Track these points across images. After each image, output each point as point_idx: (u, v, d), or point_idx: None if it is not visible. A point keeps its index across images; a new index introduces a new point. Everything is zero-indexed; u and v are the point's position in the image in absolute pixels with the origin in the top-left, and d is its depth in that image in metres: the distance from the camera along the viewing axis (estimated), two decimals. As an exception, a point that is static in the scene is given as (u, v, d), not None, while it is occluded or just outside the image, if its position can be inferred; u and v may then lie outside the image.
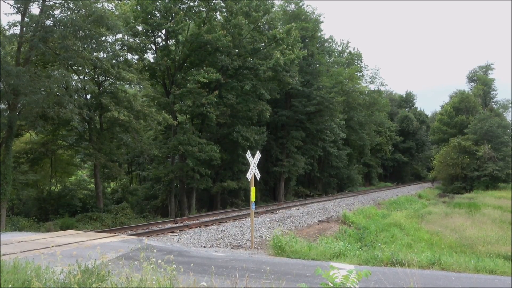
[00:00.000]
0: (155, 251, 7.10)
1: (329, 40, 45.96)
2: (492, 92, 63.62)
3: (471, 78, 66.69)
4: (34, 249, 9.22)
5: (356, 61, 48.55)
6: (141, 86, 23.85)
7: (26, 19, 16.41)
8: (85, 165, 32.03)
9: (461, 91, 61.79)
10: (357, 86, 42.27)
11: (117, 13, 21.72)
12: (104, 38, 19.52)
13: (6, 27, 17.15)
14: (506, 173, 48.17)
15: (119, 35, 21.79)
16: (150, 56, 27.19)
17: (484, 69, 65.21)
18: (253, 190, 12.73)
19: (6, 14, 30.74)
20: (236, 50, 26.83)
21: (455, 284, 7.20)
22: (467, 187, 49.66)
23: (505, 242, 15.51)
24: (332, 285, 3.66)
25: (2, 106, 16.87)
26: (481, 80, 63.19)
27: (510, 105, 61.68)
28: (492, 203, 31.89)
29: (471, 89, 64.29)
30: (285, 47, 27.49)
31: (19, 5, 16.41)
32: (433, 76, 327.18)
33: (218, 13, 26.34)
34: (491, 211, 26.22)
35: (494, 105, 62.05)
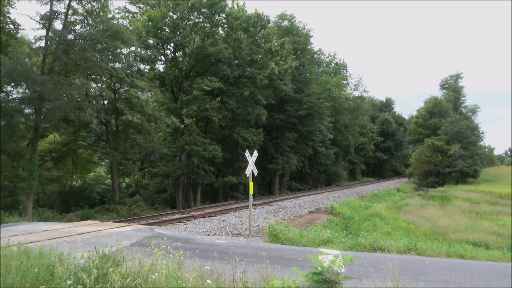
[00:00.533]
0: (165, 238, 7.10)
1: (318, 52, 46.00)
2: (461, 98, 63.94)
3: (443, 86, 66.99)
4: (58, 237, 9.19)
5: (342, 70, 48.70)
6: (152, 93, 23.81)
7: (50, 33, 16.36)
8: (103, 163, 31.91)
9: (434, 97, 62.05)
10: (342, 92, 42.43)
11: (131, 28, 21.70)
12: (119, 50, 19.48)
13: (33, 41, 17.12)
14: (474, 169, 48.49)
15: (133, 48, 21.81)
16: (160, 66, 27.20)
17: (454, 78, 65.56)
18: (251, 184, 12.74)
19: (32, 29, 30.83)
20: (236, 61, 26.82)
21: (429, 267, 7.21)
22: (439, 182, 49.88)
23: (473, 230, 15.57)
24: (320, 268, 3.68)
25: (29, 110, 16.80)
26: (452, 88, 63.51)
27: (477, 109, 62.11)
28: (461, 195, 32.02)
29: (443, 95, 64.56)
30: (279, 58, 27.54)
31: (44, 22, 16.38)
32: (410, 84, 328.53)
33: (220, 28, 26.36)
34: (460, 203, 26.32)
35: (463, 110, 62.35)
